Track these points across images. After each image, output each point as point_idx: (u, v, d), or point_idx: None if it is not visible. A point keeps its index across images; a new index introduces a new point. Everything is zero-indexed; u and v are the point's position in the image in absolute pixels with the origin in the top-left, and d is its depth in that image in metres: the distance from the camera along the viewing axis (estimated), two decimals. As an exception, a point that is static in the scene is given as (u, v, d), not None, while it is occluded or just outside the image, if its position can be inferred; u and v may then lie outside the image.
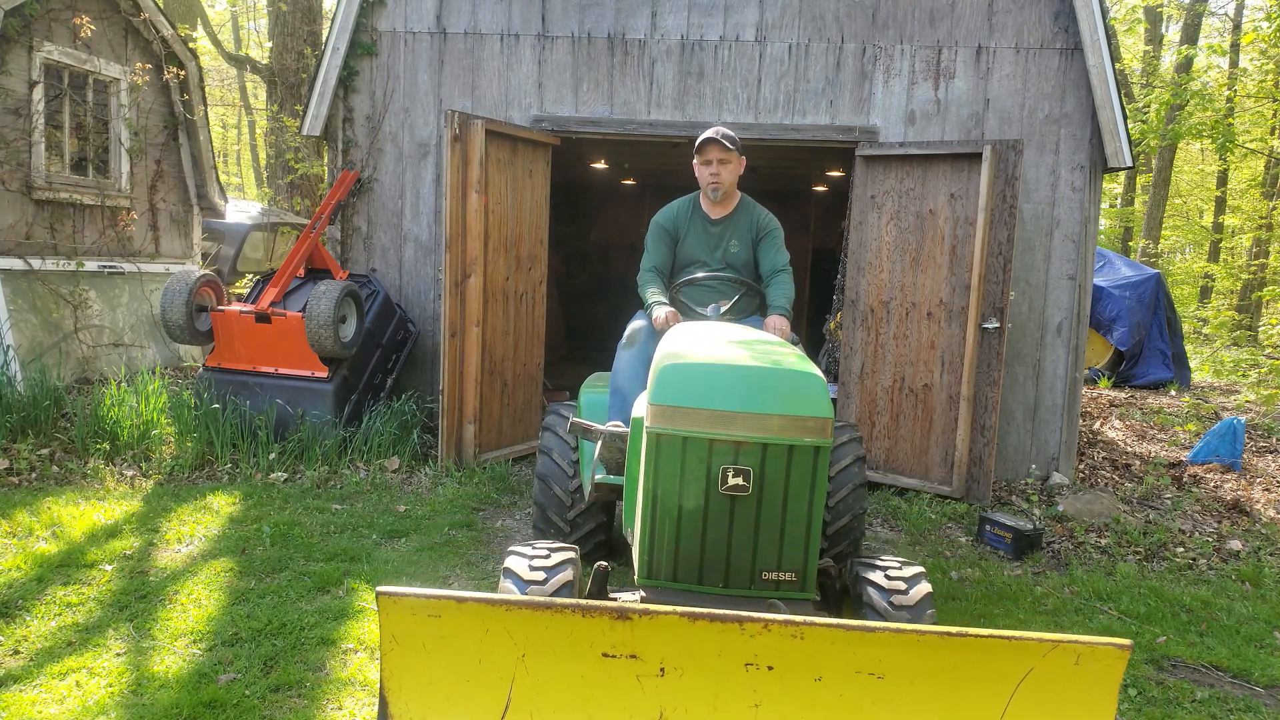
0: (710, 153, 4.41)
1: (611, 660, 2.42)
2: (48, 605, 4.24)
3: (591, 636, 2.40)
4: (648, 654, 2.42)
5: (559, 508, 4.55)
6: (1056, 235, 7.10)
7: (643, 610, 2.36)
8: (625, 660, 2.42)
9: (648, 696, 2.45)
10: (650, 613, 2.36)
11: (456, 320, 6.81)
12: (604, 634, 2.39)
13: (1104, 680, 2.41)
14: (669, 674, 2.43)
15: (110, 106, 9.46)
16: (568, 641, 2.40)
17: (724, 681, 2.44)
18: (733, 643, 2.40)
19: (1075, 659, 2.40)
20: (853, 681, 2.44)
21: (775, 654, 2.42)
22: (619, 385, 4.20)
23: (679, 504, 3.06)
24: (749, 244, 4.57)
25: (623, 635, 2.40)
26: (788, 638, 2.39)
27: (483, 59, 7.46)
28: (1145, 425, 9.36)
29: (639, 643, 2.41)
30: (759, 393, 3.05)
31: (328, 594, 4.55)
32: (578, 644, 2.40)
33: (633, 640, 2.40)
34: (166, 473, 6.44)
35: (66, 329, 8.66)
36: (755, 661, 2.42)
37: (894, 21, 7.12)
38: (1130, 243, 23.13)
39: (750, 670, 2.43)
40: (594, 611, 2.36)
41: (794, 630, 2.38)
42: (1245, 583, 5.49)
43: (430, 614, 2.39)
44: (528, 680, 2.44)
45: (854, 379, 7.17)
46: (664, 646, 2.41)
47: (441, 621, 2.40)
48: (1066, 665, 2.40)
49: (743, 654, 2.42)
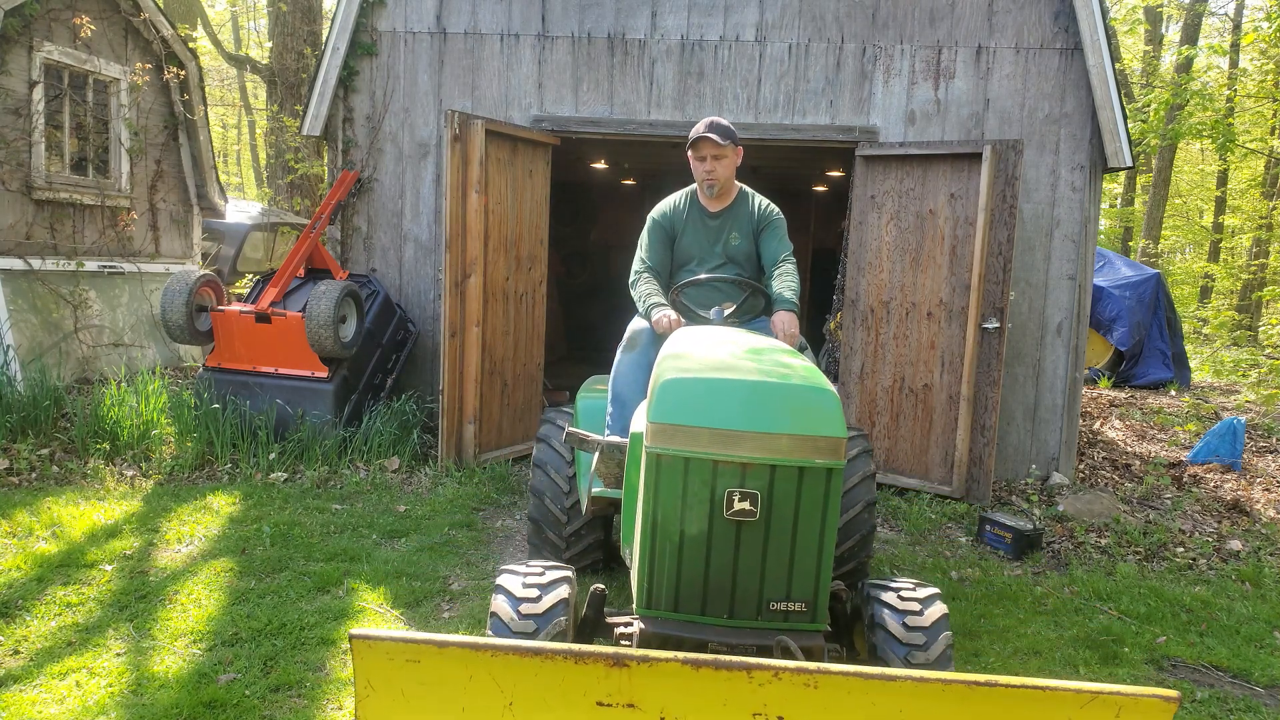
0: (703, 149, 4.22)
1: (607, 709, 2.23)
2: (48, 605, 4.24)
3: (585, 684, 2.21)
4: (646, 703, 2.23)
5: (554, 525, 4.40)
6: (1056, 235, 7.10)
7: (641, 658, 2.18)
8: (622, 710, 2.23)
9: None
10: (649, 660, 2.18)
11: (456, 320, 6.81)
12: (598, 682, 2.20)
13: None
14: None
15: (110, 106, 9.46)
16: (559, 690, 2.22)
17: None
18: (740, 692, 2.20)
19: (1116, 712, 2.16)
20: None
21: (786, 704, 2.22)
22: (619, 392, 4.04)
23: (681, 529, 2.87)
24: (750, 235, 4.36)
25: (619, 683, 2.21)
26: (800, 686, 2.19)
27: (483, 59, 7.46)
28: (1145, 425, 9.36)
29: (637, 691, 2.22)
30: (767, 410, 2.85)
31: (328, 594, 4.55)
32: (570, 692, 2.22)
33: (630, 688, 2.21)
34: (166, 473, 6.44)
35: (66, 329, 8.66)
36: (764, 712, 2.22)
37: (894, 21, 7.12)
38: (1130, 243, 23.13)
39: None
40: (588, 658, 2.18)
41: (807, 679, 2.18)
42: (1245, 583, 5.49)
43: (409, 659, 2.21)
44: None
45: (854, 379, 7.17)
46: (664, 695, 2.22)
47: (421, 667, 2.22)
48: (1107, 718, 2.17)
49: (750, 704, 2.22)
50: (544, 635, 2.84)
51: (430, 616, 4.38)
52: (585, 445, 3.71)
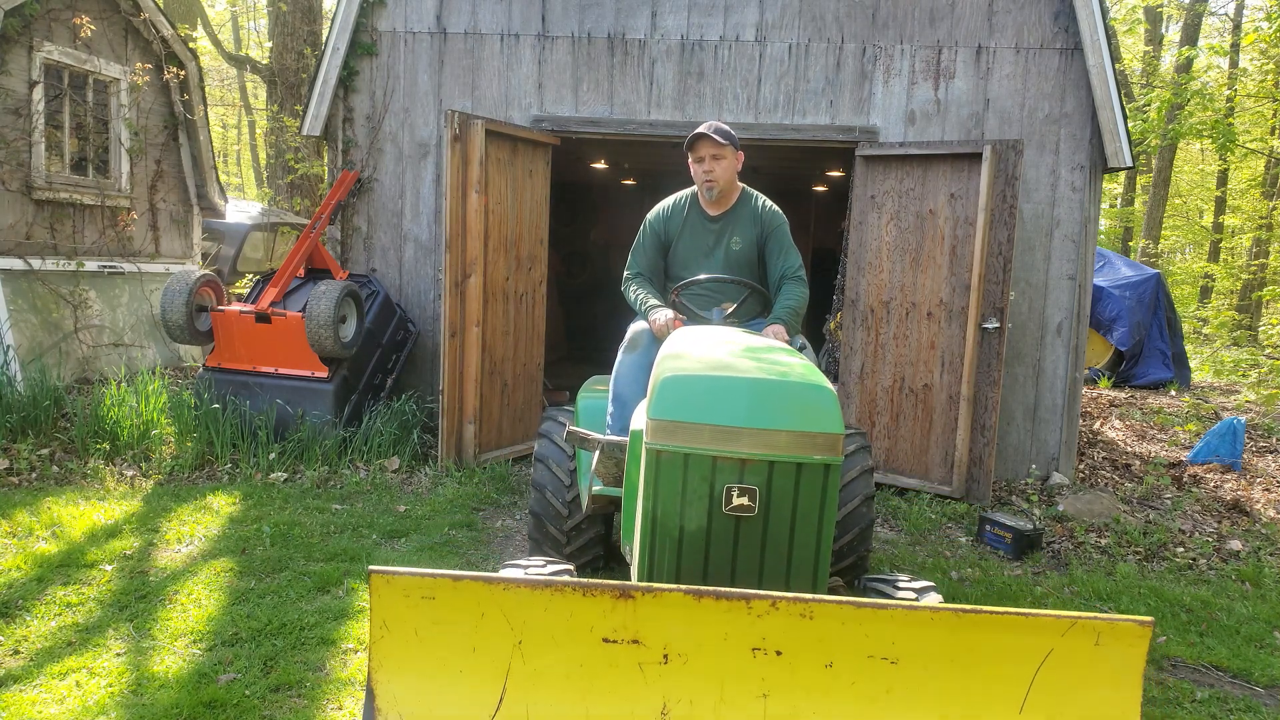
0: (702, 149, 4.13)
1: (613, 646, 2.30)
2: (48, 605, 4.24)
3: (592, 619, 2.28)
4: (650, 639, 2.31)
5: (555, 519, 4.41)
6: (1056, 235, 7.10)
7: (646, 589, 2.27)
8: (627, 646, 2.31)
9: (650, 687, 2.33)
10: (654, 590, 2.27)
11: (456, 320, 6.81)
12: (605, 616, 2.28)
13: (1127, 661, 2.30)
14: (673, 661, 2.32)
15: (110, 106, 9.46)
16: (567, 626, 2.29)
17: (730, 670, 2.33)
18: (739, 624, 2.29)
19: (1095, 639, 2.28)
20: (865, 668, 2.32)
21: (784, 637, 2.31)
22: (619, 392, 4.03)
23: (680, 525, 2.91)
24: (753, 241, 4.27)
25: (624, 618, 2.28)
26: (796, 617, 2.29)
27: (483, 59, 7.46)
28: (1145, 425, 9.36)
29: (641, 626, 2.29)
30: (766, 407, 2.89)
31: (328, 594, 4.55)
32: (577, 628, 2.29)
33: (635, 623, 2.29)
34: (166, 473, 6.44)
35: (66, 329, 8.66)
36: (763, 646, 2.31)
37: (894, 21, 7.12)
38: (1130, 243, 23.13)
39: (758, 656, 2.31)
40: (595, 590, 2.26)
41: (803, 609, 2.29)
42: (1245, 583, 5.49)
43: (424, 595, 2.27)
44: (524, 670, 2.32)
45: (854, 379, 7.17)
46: (667, 630, 2.30)
47: (436, 604, 2.28)
48: (1087, 646, 2.28)
49: (750, 637, 2.30)
50: None
51: (430, 616, 4.37)
52: (586, 444, 3.73)
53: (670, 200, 4.44)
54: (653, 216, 4.43)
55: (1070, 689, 2.31)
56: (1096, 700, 2.32)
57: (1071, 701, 2.32)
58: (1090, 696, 2.32)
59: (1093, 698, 2.32)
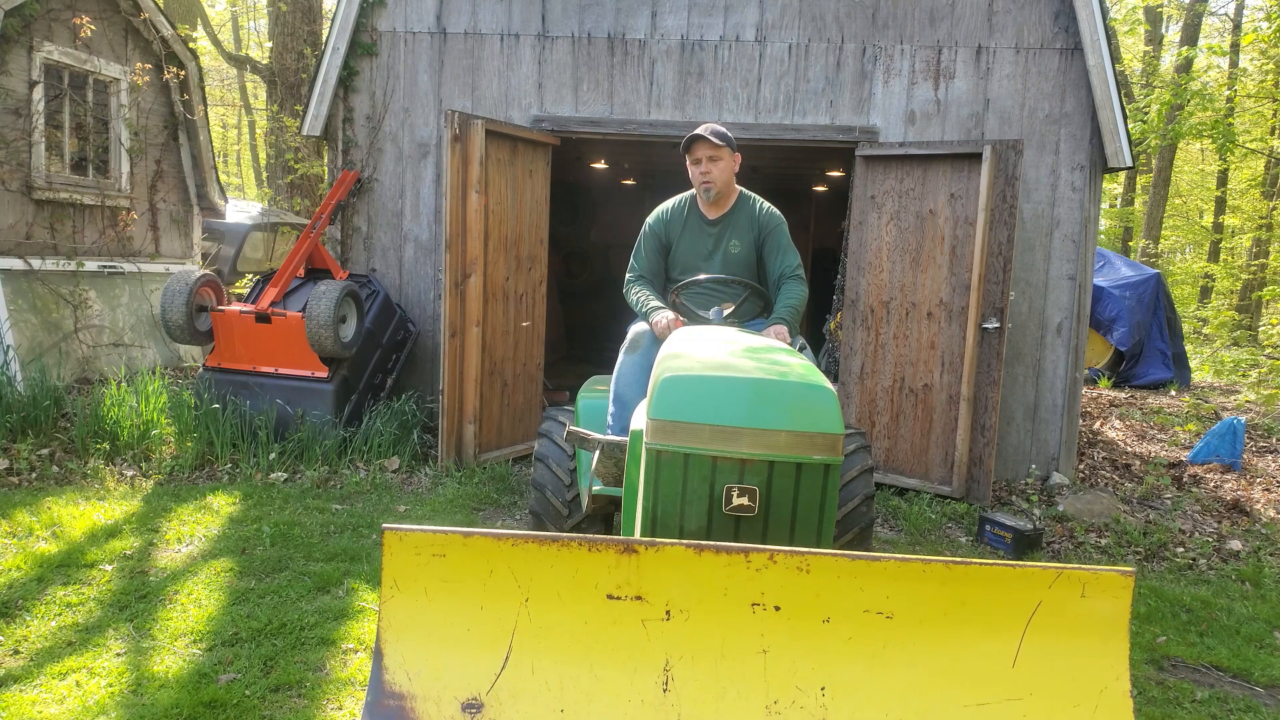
0: (698, 151, 4.14)
1: (616, 603, 2.35)
2: (48, 605, 4.24)
3: (596, 576, 2.33)
4: (653, 595, 2.35)
5: (555, 519, 4.41)
6: (1056, 235, 7.10)
7: (649, 543, 2.32)
8: (630, 603, 2.35)
9: (653, 643, 2.37)
10: (656, 545, 2.32)
11: (456, 320, 6.81)
12: (609, 572, 2.33)
13: (1113, 613, 2.38)
14: (675, 618, 2.36)
15: (110, 106, 9.46)
16: (572, 583, 2.33)
17: (731, 626, 2.38)
18: (738, 579, 2.34)
19: (1081, 589, 2.36)
20: (861, 622, 2.38)
21: (782, 592, 2.36)
22: (620, 393, 4.04)
23: (680, 525, 2.91)
24: (751, 244, 4.29)
25: (628, 574, 2.33)
26: (793, 570, 2.34)
27: (483, 59, 7.46)
28: (1145, 425, 9.36)
29: (644, 582, 2.34)
30: (766, 407, 2.90)
31: (328, 594, 4.55)
32: (582, 585, 2.34)
33: (638, 580, 2.34)
34: (166, 473, 6.44)
35: (66, 329, 8.66)
36: (762, 602, 2.36)
37: (894, 21, 7.12)
38: (1130, 243, 23.14)
39: (757, 612, 2.36)
40: (600, 545, 2.32)
41: (800, 562, 2.34)
42: (1245, 583, 5.49)
43: (435, 553, 2.32)
44: (530, 627, 2.36)
45: (854, 379, 7.17)
46: (669, 586, 2.35)
47: (445, 562, 2.33)
48: (1073, 597, 2.36)
49: (749, 593, 2.35)
50: None
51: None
52: (586, 444, 3.73)
53: (669, 203, 4.45)
54: (652, 219, 4.45)
55: (1059, 641, 2.39)
56: (1085, 651, 2.40)
57: (1061, 653, 2.40)
58: (1079, 647, 2.40)
59: (1081, 648, 2.40)
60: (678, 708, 2.37)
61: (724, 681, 2.39)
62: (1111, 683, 2.38)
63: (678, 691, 2.38)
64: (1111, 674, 2.38)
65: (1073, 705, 2.37)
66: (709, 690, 2.39)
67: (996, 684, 2.39)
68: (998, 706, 2.38)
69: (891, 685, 2.39)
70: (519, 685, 2.37)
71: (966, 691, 2.39)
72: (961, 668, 2.40)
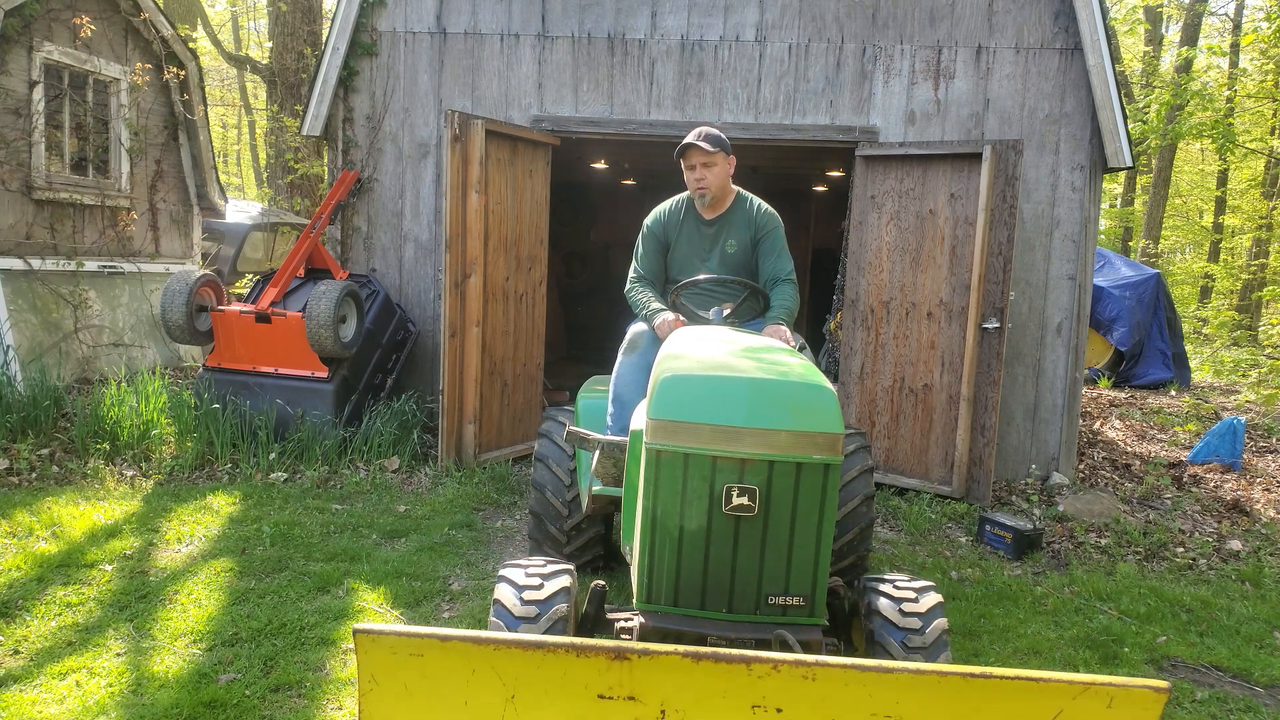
0: (692, 157, 4.16)
1: (608, 702, 2.25)
2: (48, 605, 4.24)
3: (586, 677, 2.23)
4: (647, 695, 2.25)
5: (555, 518, 4.42)
6: (1056, 235, 7.10)
7: (642, 650, 2.20)
8: (623, 702, 2.25)
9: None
10: (650, 653, 2.20)
11: (456, 320, 6.81)
12: (600, 674, 2.22)
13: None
14: (670, 717, 2.27)
15: (110, 106, 9.46)
16: (560, 683, 2.24)
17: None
18: (739, 684, 2.23)
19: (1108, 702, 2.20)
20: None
21: (784, 696, 2.26)
22: (620, 393, 4.05)
23: (680, 524, 2.91)
24: (747, 244, 4.32)
25: (620, 676, 2.23)
26: (798, 679, 2.21)
27: (483, 59, 7.46)
28: (1145, 425, 9.36)
29: (638, 683, 2.24)
30: (765, 407, 2.89)
31: (328, 594, 4.55)
32: (571, 685, 2.24)
33: (631, 681, 2.24)
34: (166, 473, 6.44)
35: (66, 329, 8.66)
36: (763, 704, 2.25)
37: (894, 21, 7.12)
38: (1130, 243, 23.14)
39: (758, 713, 2.26)
40: (589, 651, 2.20)
41: (805, 671, 2.21)
42: (1245, 583, 5.49)
43: (412, 653, 2.22)
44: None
45: (854, 379, 7.17)
46: (664, 687, 2.25)
47: (424, 661, 2.23)
48: (1099, 708, 2.21)
49: (749, 695, 2.25)
50: (545, 620, 2.87)
51: (430, 616, 4.38)
52: (586, 444, 3.74)
53: (667, 204, 4.47)
54: (650, 220, 4.47)
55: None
56: None
57: None
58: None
59: None
60: None
61: None
62: None
63: None
64: None
65: None
66: None
67: None
68: None
69: None
70: None
71: None
72: None
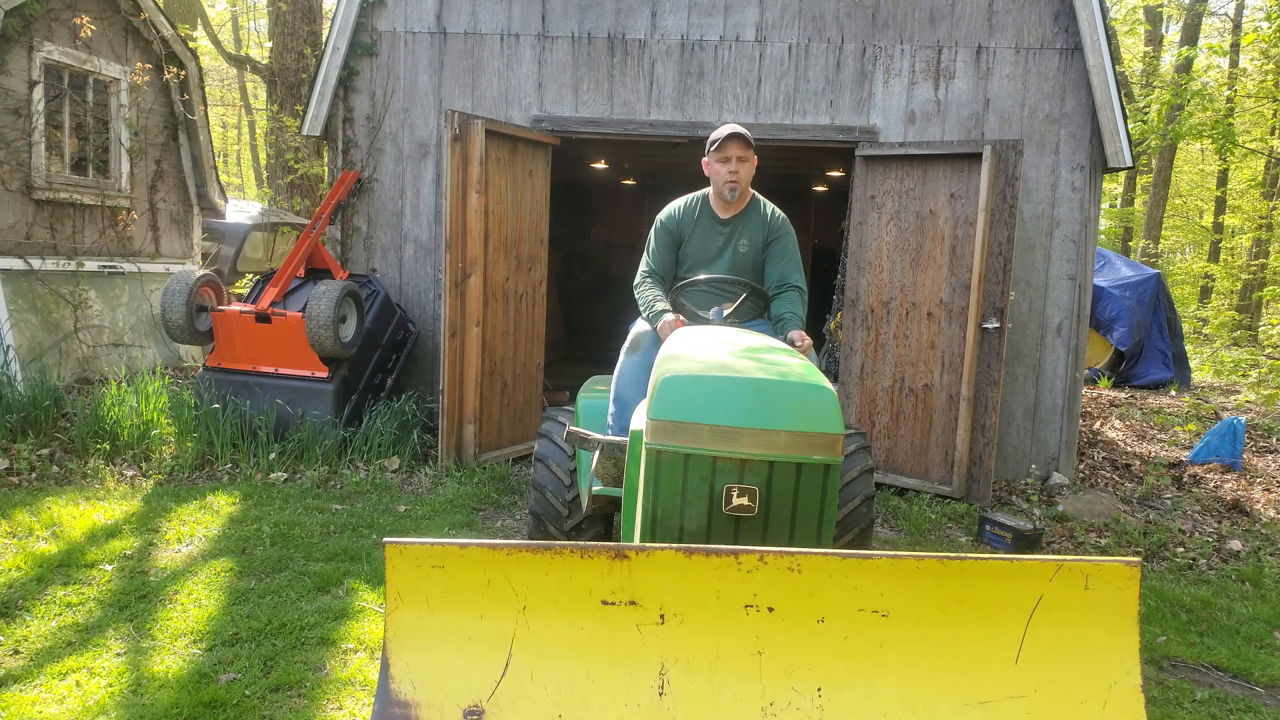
0: (731, 149, 4.14)
1: (611, 608, 2.37)
2: (48, 605, 4.24)
3: (590, 582, 2.36)
4: (647, 600, 2.37)
5: (555, 519, 4.40)
6: (1056, 235, 7.10)
7: (639, 548, 2.35)
8: (625, 608, 2.37)
9: (649, 647, 2.39)
10: (646, 550, 2.35)
11: (456, 320, 6.81)
12: (602, 578, 2.35)
13: (1119, 604, 2.30)
14: (669, 621, 2.38)
15: (110, 106, 9.46)
16: (567, 590, 2.36)
17: (725, 628, 2.38)
18: (730, 580, 2.34)
19: (1084, 582, 2.28)
20: (857, 621, 2.35)
21: (774, 593, 2.35)
22: (621, 393, 4.05)
23: (680, 525, 2.91)
24: (759, 245, 4.32)
25: (621, 579, 2.35)
26: (784, 570, 2.33)
27: (483, 59, 7.46)
28: (1145, 425, 9.36)
29: (638, 587, 2.36)
30: (766, 407, 2.89)
31: (328, 594, 4.55)
32: (577, 591, 2.36)
33: (631, 584, 2.36)
34: (166, 473, 6.44)
35: (66, 329, 8.66)
36: (755, 603, 2.35)
37: (894, 21, 7.12)
38: (1130, 243, 23.14)
39: (751, 613, 2.36)
40: (592, 552, 2.35)
41: (790, 562, 2.33)
42: (1245, 583, 5.49)
43: (434, 564, 2.36)
44: (528, 635, 2.40)
45: (854, 379, 7.17)
46: (663, 591, 2.36)
47: (445, 573, 2.37)
48: (1077, 590, 2.28)
49: (742, 595, 2.35)
50: None
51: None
52: (586, 444, 3.74)
53: (681, 201, 4.47)
54: (664, 216, 4.46)
55: (1065, 636, 2.31)
56: (1092, 645, 2.32)
57: (1066, 648, 2.32)
58: (1085, 641, 2.32)
59: (1088, 642, 2.32)
60: (674, 711, 2.37)
61: (719, 684, 2.39)
62: (1121, 677, 2.32)
63: (674, 695, 2.38)
64: (1121, 668, 2.32)
65: (1080, 701, 2.32)
66: (705, 693, 2.39)
67: (999, 681, 2.35)
68: (1001, 704, 2.33)
69: (889, 684, 2.37)
70: (518, 691, 2.39)
71: (967, 689, 2.35)
72: (961, 665, 2.36)
